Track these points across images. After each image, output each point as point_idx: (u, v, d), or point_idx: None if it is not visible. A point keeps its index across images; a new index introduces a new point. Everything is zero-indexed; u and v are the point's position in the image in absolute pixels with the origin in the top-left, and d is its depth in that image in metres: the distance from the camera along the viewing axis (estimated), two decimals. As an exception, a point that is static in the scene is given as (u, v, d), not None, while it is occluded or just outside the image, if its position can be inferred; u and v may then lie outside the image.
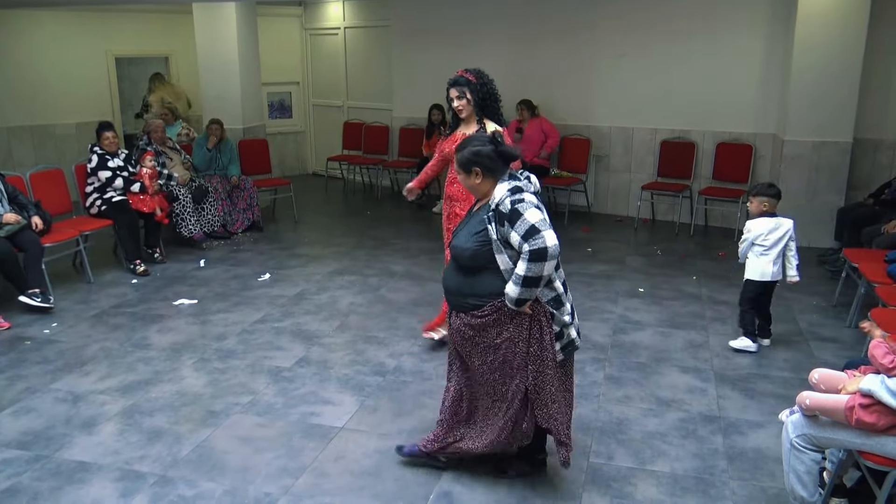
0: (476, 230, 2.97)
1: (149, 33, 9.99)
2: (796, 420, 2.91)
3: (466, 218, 3.16)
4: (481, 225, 2.96)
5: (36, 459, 3.49)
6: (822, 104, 6.73)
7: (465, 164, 3.01)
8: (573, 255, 6.86)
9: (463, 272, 3.04)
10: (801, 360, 4.56)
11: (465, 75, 4.28)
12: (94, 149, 6.44)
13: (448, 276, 3.15)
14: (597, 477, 3.34)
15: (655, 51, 7.84)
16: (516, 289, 2.84)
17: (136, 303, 5.68)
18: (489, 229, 2.91)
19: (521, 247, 2.81)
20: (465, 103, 4.26)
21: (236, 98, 8.70)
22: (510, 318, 2.96)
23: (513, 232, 2.83)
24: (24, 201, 5.71)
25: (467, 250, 2.97)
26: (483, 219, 2.95)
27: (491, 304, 2.96)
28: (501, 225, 2.87)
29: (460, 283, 3.05)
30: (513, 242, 2.85)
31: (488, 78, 4.32)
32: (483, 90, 4.26)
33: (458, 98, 4.27)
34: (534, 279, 2.81)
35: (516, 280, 2.84)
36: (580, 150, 8.36)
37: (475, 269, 2.99)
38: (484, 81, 4.29)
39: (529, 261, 2.78)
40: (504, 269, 2.91)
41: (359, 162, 9.98)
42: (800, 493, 2.88)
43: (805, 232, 7.07)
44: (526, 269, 2.80)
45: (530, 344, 2.98)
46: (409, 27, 9.38)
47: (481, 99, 4.26)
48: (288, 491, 3.24)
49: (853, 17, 6.52)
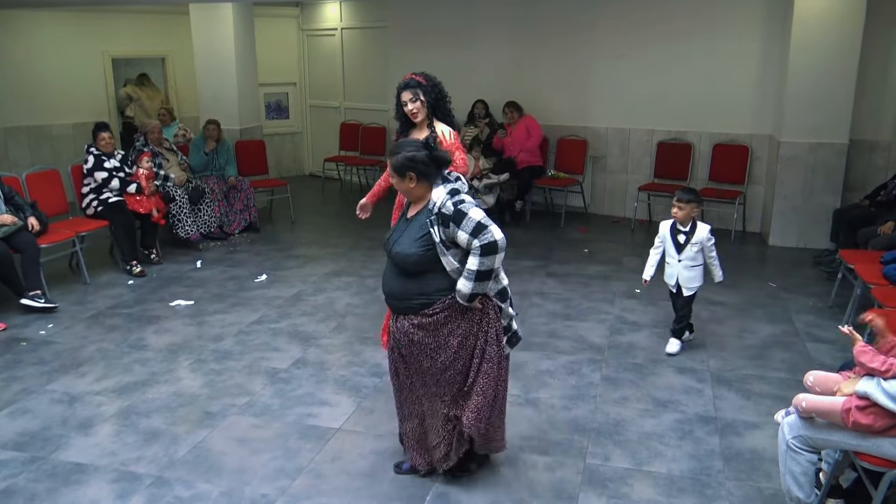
0: (418, 235, 3.00)
1: (145, 34, 9.98)
2: (792, 421, 2.91)
3: (403, 224, 3.14)
4: (423, 229, 2.99)
5: (32, 461, 3.48)
6: (818, 106, 6.75)
7: (399, 169, 3.02)
8: (570, 255, 6.87)
9: (406, 275, 3.07)
10: (798, 361, 4.56)
11: (415, 77, 4.20)
12: (90, 149, 6.43)
13: (390, 282, 3.15)
14: (593, 478, 3.34)
15: (652, 52, 7.86)
16: (469, 284, 2.91)
17: (132, 304, 5.67)
18: (432, 232, 2.95)
19: (470, 243, 2.89)
20: (420, 105, 4.16)
21: (233, 99, 8.69)
22: (461, 314, 3.03)
23: (460, 231, 2.90)
24: (20, 202, 5.69)
25: (412, 256, 3.00)
26: (424, 223, 2.98)
27: (440, 301, 3.02)
28: (446, 227, 2.93)
29: (405, 285, 3.07)
30: (460, 241, 2.92)
31: (437, 80, 4.26)
32: (434, 91, 4.18)
33: (412, 101, 4.16)
34: (486, 273, 2.90)
35: (469, 275, 2.91)
36: (577, 151, 8.37)
37: (419, 272, 3.04)
38: (434, 83, 4.22)
39: (481, 255, 2.87)
40: (450, 270, 2.98)
41: (355, 163, 9.98)
42: (796, 495, 2.89)
43: (801, 233, 7.11)
44: (479, 264, 2.88)
45: (478, 338, 3.07)
46: (406, 28, 9.38)
47: (434, 100, 4.19)
48: (285, 492, 3.24)
49: (849, 18, 6.54)
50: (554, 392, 4.17)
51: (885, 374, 2.67)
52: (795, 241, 7.13)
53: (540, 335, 4.99)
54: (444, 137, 4.22)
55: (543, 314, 5.39)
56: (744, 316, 5.34)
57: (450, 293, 3.00)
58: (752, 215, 7.73)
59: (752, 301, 5.64)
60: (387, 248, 3.15)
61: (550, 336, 4.98)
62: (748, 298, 5.69)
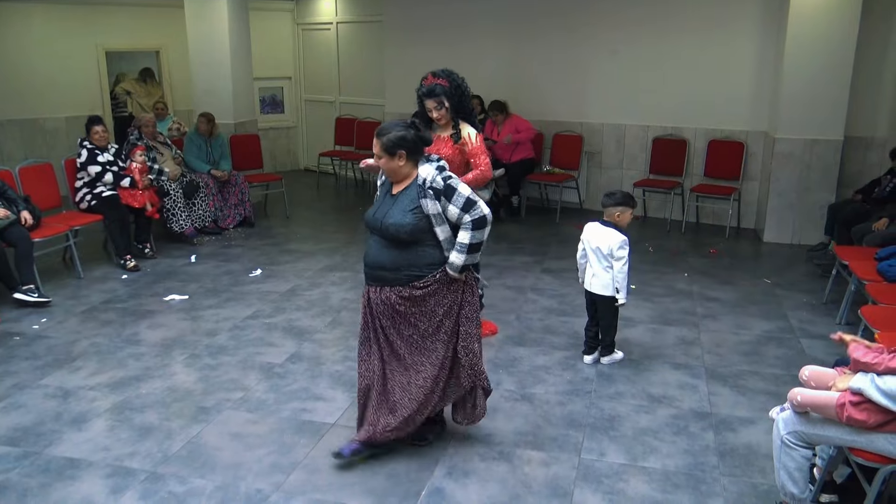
0: (411, 207, 3.12)
1: (139, 27, 9.93)
2: (787, 417, 2.92)
3: (389, 200, 3.21)
4: (414, 202, 3.12)
5: (25, 456, 3.47)
6: (813, 102, 6.76)
7: (390, 148, 3.12)
8: (565, 251, 6.86)
9: (397, 247, 3.16)
10: (792, 356, 4.57)
11: (438, 82, 4.13)
12: (83, 143, 6.40)
13: (377, 254, 3.21)
14: (588, 473, 3.34)
15: (648, 48, 7.85)
16: (462, 256, 3.12)
17: (126, 298, 5.65)
18: (425, 204, 3.09)
19: (461, 218, 3.11)
20: (444, 112, 4.16)
21: (228, 93, 8.65)
22: (448, 286, 3.22)
23: (451, 206, 3.10)
24: (12, 196, 5.66)
25: (406, 225, 3.10)
26: (414, 196, 3.12)
27: (432, 274, 3.17)
28: (437, 200, 3.10)
29: (396, 257, 3.17)
30: (450, 215, 3.12)
31: (459, 77, 4.21)
32: (457, 92, 4.16)
33: (437, 109, 4.17)
34: (476, 245, 3.14)
35: (461, 248, 3.12)
36: (572, 147, 8.37)
37: (410, 242, 3.14)
38: (457, 83, 4.17)
39: (473, 229, 3.11)
40: (443, 240, 3.15)
41: (351, 157, 9.95)
42: (790, 490, 2.89)
43: (796, 229, 7.13)
44: (471, 237, 3.11)
45: (462, 307, 3.27)
46: (402, 22, 9.35)
47: (458, 101, 4.17)
48: (279, 487, 3.23)
49: (845, 15, 6.54)
50: (549, 388, 4.17)
51: (877, 368, 2.69)
52: (790, 237, 7.15)
53: (535, 331, 4.99)
54: (470, 140, 4.23)
55: (539, 310, 5.38)
56: (738, 312, 5.34)
57: (440, 267, 3.17)
58: (747, 211, 7.74)
59: (746, 297, 5.65)
60: (374, 223, 3.21)
61: (546, 331, 4.98)
62: (743, 295, 5.70)
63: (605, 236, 4.24)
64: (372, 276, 3.27)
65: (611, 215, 4.27)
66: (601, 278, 4.30)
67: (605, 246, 4.23)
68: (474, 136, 4.25)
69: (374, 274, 3.25)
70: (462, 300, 3.27)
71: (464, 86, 4.20)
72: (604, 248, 4.24)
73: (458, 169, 4.27)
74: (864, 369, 2.75)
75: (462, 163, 4.37)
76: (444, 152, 4.23)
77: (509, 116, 8.08)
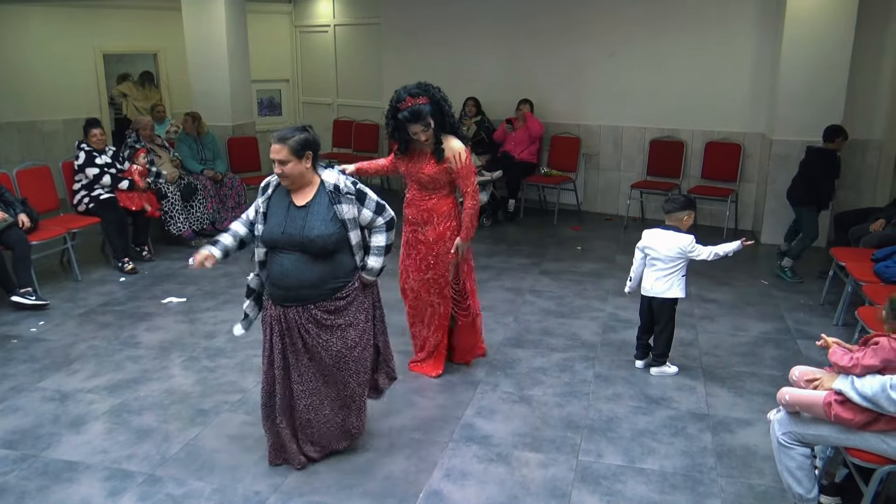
0: (329, 215, 3.08)
1: (137, 30, 9.92)
2: (782, 418, 2.94)
3: (296, 213, 3.09)
4: (329, 209, 3.08)
5: (23, 458, 3.47)
6: (810, 104, 6.77)
7: (298, 151, 3.06)
8: (563, 253, 6.88)
9: (320, 261, 3.10)
10: (790, 358, 4.58)
11: (419, 102, 3.77)
12: (81, 146, 6.39)
13: (299, 271, 3.07)
14: (586, 474, 3.35)
15: (645, 49, 7.86)
16: (380, 259, 3.24)
17: (124, 301, 5.65)
18: (340, 209, 3.09)
19: (374, 221, 3.21)
20: (430, 133, 3.84)
21: (225, 95, 8.65)
22: (362, 290, 3.27)
23: (364, 209, 3.17)
24: (10, 199, 5.66)
25: (333, 235, 3.08)
26: (328, 203, 3.10)
27: (350, 282, 3.19)
28: (350, 205, 3.12)
29: (321, 271, 3.10)
30: (363, 219, 3.19)
31: (436, 89, 3.87)
32: (437, 106, 3.82)
33: (424, 131, 3.81)
34: (390, 247, 3.26)
35: (378, 251, 3.22)
36: (570, 149, 8.37)
37: (331, 253, 3.11)
38: (436, 99, 3.82)
39: (387, 230, 3.24)
40: (354, 244, 3.17)
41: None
42: (797, 491, 2.90)
43: (793, 231, 7.13)
44: (386, 239, 3.24)
45: (374, 307, 3.38)
46: (399, 24, 9.35)
47: (440, 116, 3.84)
48: (277, 489, 3.23)
49: (842, 17, 6.56)
50: (547, 389, 4.18)
51: (853, 370, 2.73)
52: (788, 238, 7.15)
53: (533, 332, 5.00)
54: (458, 159, 3.91)
55: (536, 311, 5.39)
56: (736, 313, 5.35)
57: (355, 272, 3.21)
58: (744, 213, 7.75)
59: (744, 299, 5.66)
60: (291, 240, 3.06)
61: (543, 333, 4.99)
62: (740, 296, 5.71)
63: (672, 240, 4.21)
64: (291, 297, 3.10)
65: (678, 220, 4.25)
66: (664, 282, 4.25)
67: (674, 249, 4.20)
68: (462, 153, 3.91)
69: (295, 294, 3.09)
70: (374, 300, 3.38)
71: (444, 98, 3.88)
72: (672, 251, 4.20)
73: (442, 189, 4.01)
74: (843, 372, 2.79)
75: (446, 183, 4.02)
76: (427, 171, 3.95)
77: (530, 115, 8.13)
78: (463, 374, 4.37)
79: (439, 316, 4.22)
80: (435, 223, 4.04)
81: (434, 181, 3.99)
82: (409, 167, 4.04)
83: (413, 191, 4.10)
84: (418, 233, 4.11)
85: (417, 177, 4.01)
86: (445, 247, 4.06)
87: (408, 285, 4.26)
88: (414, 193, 4.10)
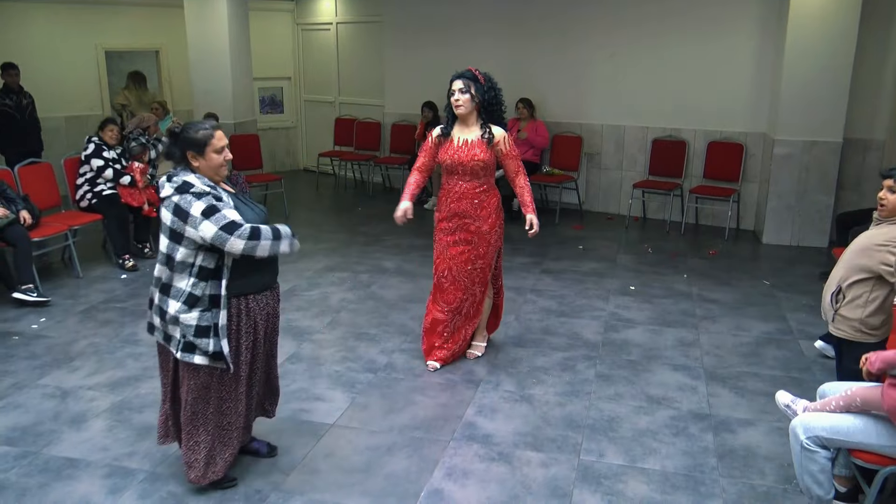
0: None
1: (139, 27, 9.92)
2: (806, 422, 2.89)
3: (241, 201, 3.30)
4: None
5: (23, 455, 3.46)
6: (812, 104, 6.76)
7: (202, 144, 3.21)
8: (565, 252, 6.87)
9: None
10: (791, 358, 4.58)
11: (472, 70, 4.07)
12: (91, 139, 6.43)
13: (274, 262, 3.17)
14: (587, 474, 3.34)
15: (648, 49, 7.85)
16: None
17: (125, 298, 5.65)
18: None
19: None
20: (468, 99, 3.99)
21: (227, 93, 8.65)
22: None
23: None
24: (11, 195, 5.65)
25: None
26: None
27: None
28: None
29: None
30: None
31: (496, 84, 4.14)
32: (489, 94, 4.05)
33: (462, 91, 3.99)
34: None
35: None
36: (572, 148, 8.37)
37: None
38: (492, 86, 4.09)
39: None
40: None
41: (350, 158, 9.95)
42: (816, 493, 2.87)
43: (795, 231, 7.13)
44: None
45: None
46: (402, 23, 9.36)
47: (487, 103, 4.07)
48: (278, 487, 3.23)
49: (844, 17, 6.55)
50: (548, 388, 4.17)
51: None
52: (789, 239, 7.15)
53: (534, 332, 4.99)
54: (507, 142, 4.16)
55: (538, 311, 5.38)
56: (737, 314, 5.35)
57: None
58: (746, 213, 7.74)
59: (746, 299, 5.65)
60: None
61: (545, 333, 4.98)
62: (742, 296, 5.70)
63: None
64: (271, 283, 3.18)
65: None
66: None
67: None
68: (508, 137, 4.17)
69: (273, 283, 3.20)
70: None
71: (498, 93, 4.12)
72: None
73: (490, 176, 4.22)
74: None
75: (493, 170, 4.24)
76: (480, 157, 4.09)
77: (534, 119, 8.13)
78: (464, 372, 4.36)
79: (477, 304, 4.41)
80: (486, 216, 4.22)
81: (486, 167, 4.14)
82: (457, 155, 4.13)
83: (461, 185, 4.17)
84: (470, 225, 4.22)
85: (470, 165, 4.11)
86: (495, 235, 4.29)
87: (447, 279, 4.31)
88: (464, 187, 4.17)
